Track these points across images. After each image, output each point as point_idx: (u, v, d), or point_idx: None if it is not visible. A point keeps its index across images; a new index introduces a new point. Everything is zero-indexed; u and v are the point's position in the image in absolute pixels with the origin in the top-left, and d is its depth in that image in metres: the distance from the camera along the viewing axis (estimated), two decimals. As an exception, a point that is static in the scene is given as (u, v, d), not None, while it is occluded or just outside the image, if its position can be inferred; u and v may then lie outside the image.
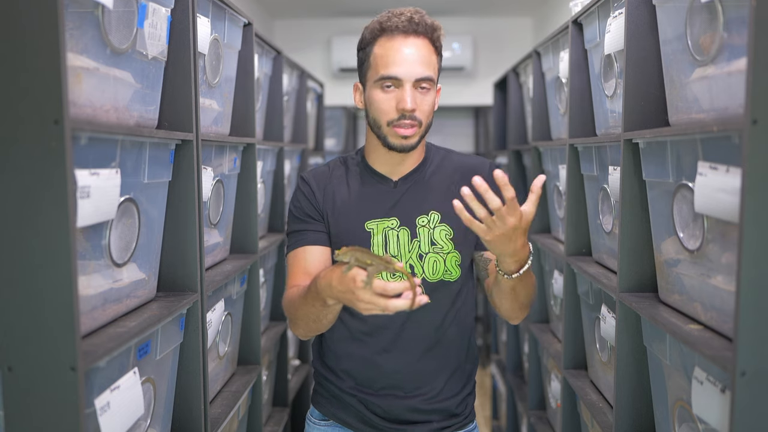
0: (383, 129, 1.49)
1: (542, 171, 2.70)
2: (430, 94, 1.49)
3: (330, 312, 1.42)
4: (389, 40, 1.47)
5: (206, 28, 1.72)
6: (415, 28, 1.47)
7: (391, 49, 1.46)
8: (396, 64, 1.45)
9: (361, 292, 1.24)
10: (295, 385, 2.83)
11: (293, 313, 1.49)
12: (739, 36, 1.11)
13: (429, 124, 1.52)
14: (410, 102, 1.45)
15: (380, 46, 1.48)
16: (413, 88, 1.46)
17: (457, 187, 1.57)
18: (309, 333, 1.53)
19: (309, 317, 1.44)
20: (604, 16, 1.81)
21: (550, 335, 2.56)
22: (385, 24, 1.48)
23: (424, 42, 1.48)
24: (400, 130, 1.47)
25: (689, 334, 1.24)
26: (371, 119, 1.52)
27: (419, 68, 1.45)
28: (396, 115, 1.47)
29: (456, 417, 1.62)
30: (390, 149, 1.51)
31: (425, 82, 1.47)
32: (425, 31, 1.48)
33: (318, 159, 3.69)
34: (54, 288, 1.02)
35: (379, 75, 1.47)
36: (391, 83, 1.46)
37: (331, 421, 1.65)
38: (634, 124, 1.55)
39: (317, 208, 1.58)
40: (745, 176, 1.01)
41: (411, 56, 1.46)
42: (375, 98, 1.49)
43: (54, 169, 1.00)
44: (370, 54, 1.51)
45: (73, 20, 1.11)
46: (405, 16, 1.47)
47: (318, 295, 1.36)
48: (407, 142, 1.49)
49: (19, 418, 1.05)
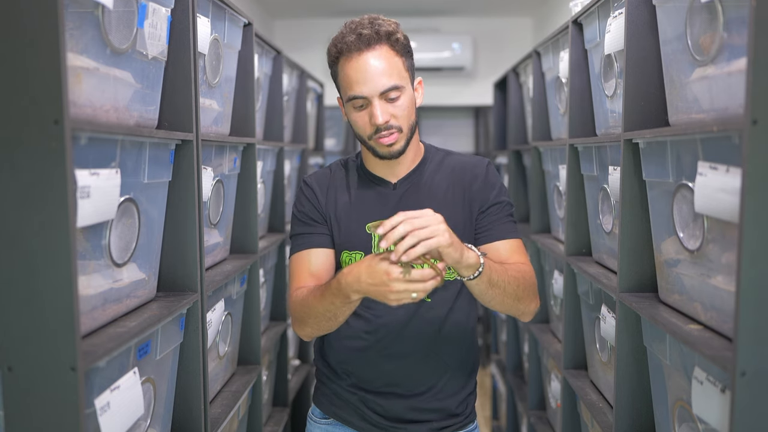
0: (367, 142, 1.52)
1: (542, 171, 2.70)
2: (403, 98, 1.49)
3: (349, 308, 1.41)
4: (347, 61, 1.48)
5: (206, 28, 1.72)
6: (367, 42, 1.46)
7: (351, 69, 1.47)
8: (358, 83, 1.46)
9: (396, 284, 1.25)
10: (295, 385, 2.83)
11: (305, 312, 1.48)
12: (739, 36, 1.11)
13: (412, 125, 1.52)
14: (380, 116, 1.46)
15: (341, 67, 1.50)
16: (382, 100, 1.47)
17: (454, 186, 1.58)
18: (317, 332, 1.52)
19: (324, 315, 1.43)
20: (604, 16, 1.81)
21: (550, 335, 2.56)
22: (339, 45, 1.49)
23: (382, 50, 1.47)
24: (382, 140, 1.49)
25: (689, 334, 1.24)
26: (355, 134, 1.55)
27: (382, 81, 1.46)
28: (372, 129, 1.48)
29: (456, 417, 1.62)
30: (381, 158, 1.53)
31: (392, 92, 1.47)
32: (379, 40, 1.47)
33: (318, 159, 3.69)
34: (54, 288, 1.02)
35: (347, 96, 1.49)
36: (360, 102, 1.48)
37: (331, 420, 1.65)
38: (634, 124, 1.55)
39: (320, 211, 1.59)
40: (745, 176, 1.01)
41: (371, 71, 1.46)
42: (351, 117, 1.52)
43: (54, 169, 1.00)
44: (337, 74, 1.53)
45: (73, 20, 1.11)
46: (356, 32, 1.47)
47: (340, 291, 1.35)
48: (393, 149, 1.50)
49: (19, 418, 1.05)
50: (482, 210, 1.56)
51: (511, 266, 1.47)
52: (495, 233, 1.55)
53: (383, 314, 1.55)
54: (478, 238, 1.56)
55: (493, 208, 1.56)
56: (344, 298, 1.36)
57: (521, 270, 1.48)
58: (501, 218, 1.56)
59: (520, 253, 1.56)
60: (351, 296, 1.34)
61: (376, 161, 1.57)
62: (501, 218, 1.56)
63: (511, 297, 1.43)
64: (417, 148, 1.61)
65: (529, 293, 1.48)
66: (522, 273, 1.47)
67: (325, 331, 1.51)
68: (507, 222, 1.57)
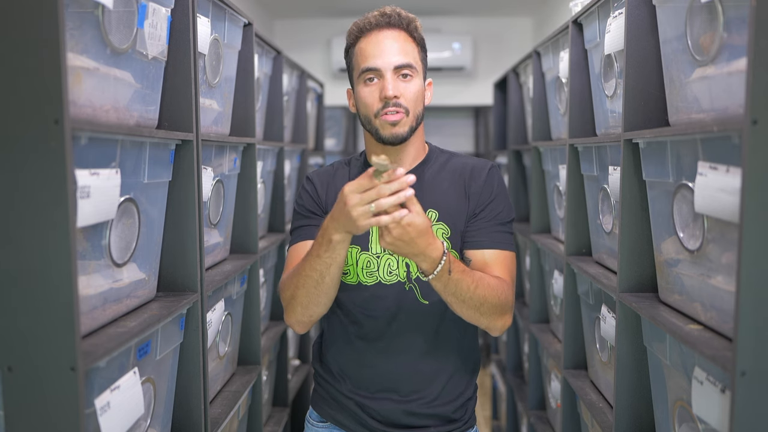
0: (372, 122, 1.50)
1: (542, 171, 2.70)
2: (414, 82, 1.50)
3: (333, 261, 1.38)
4: (366, 37, 1.52)
5: (206, 28, 1.72)
6: (388, 20, 1.51)
7: (368, 43, 1.51)
8: (374, 56, 1.49)
9: (350, 196, 1.27)
10: (295, 385, 2.83)
11: (293, 283, 1.45)
12: (739, 36, 1.11)
13: (418, 114, 1.52)
14: (391, 89, 1.46)
15: (359, 45, 1.53)
16: (394, 75, 1.48)
17: (456, 185, 1.57)
18: (305, 311, 1.47)
19: (311, 278, 1.41)
20: (604, 16, 1.82)
21: (550, 335, 2.56)
22: (360, 24, 1.53)
23: (400, 33, 1.52)
24: (387, 117, 1.48)
25: (689, 334, 1.24)
26: (362, 117, 1.54)
27: (397, 56, 1.49)
28: (380, 104, 1.48)
29: (454, 422, 1.60)
30: (384, 143, 1.51)
31: (406, 69, 1.49)
32: (399, 23, 1.52)
33: (318, 159, 3.69)
34: (54, 288, 1.02)
35: (361, 69, 1.50)
36: (372, 75, 1.49)
37: (329, 424, 1.65)
38: (634, 124, 1.55)
39: (319, 205, 1.59)
40: (745, 176, 1.01)
41: (387, 46, 1.49)
42: (361, 94, 1.52)
43: (54, 169, 1.00)
44: (352, 56, 1.55)
45: (73, 20, 1.11)
46: (378, 11, 1.52)
47: (323, 237, 1.36)
48: (396, 130, 1.49)
49: (19, 418, 1.05)
50: (476, 212, 1.53)
51: (485, 279, 1.42)
52: (483, 240, 1.51)
53: (380, 316, 1.54)
54: (465, 242, 1.53)
55: (486, 212, 1.53)
56: (327, 244, 1.35)
57: (493, 285, 1.43)
58: (492, 225, 1.52)
59: (503, 267, 1.50)
60: (332, 236, 1.34)
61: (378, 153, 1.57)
62: (492, 225, 1.52)
63: (473, 309, 1.41)
64: (421, 146, 1.60)
65: (496, 311, 1.43)
66: (493, 288, 1.42)
67: (313, 308, 1.46)
68: (498, 231, 1.52)
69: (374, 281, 1.54)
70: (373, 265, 1.54)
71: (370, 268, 1.54)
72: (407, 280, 1.53)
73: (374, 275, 1.54)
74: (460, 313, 1.43)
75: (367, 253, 1.54)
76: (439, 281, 1.36)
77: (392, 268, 1.53)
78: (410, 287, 1.53)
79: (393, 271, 1.53)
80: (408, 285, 1.53)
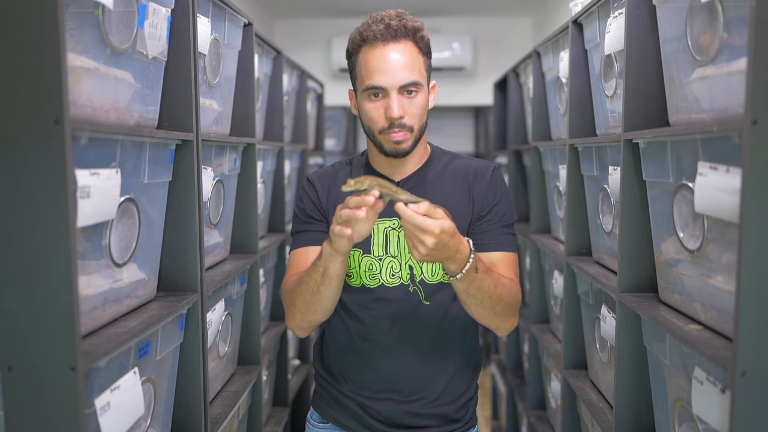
0: (376, 137, 1.50)
1: (542, 171, 2.70)
2: (419, 97, 1.48)
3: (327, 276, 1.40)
4: (371, 49, 1.47)
5: (206, 28, 1.72)
6: (394, 34, 1.46)
7: (373, 58, 1.46)
8: (379, 73, 1.45)
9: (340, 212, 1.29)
10: (295, 385, 2.83)
11: (294, 289, 1.48)
12: (739, 36, 1.11)
13: (422, 126, 1.52)
14: (396, 110, 1.45)
15: (363, 55, 1.48)
16: (399, 94, 1.46)
17: (459, 187, 1.57)
18: (305, 318, 1.49)
19: (307, 290, 1.43)
20: (604, 16, 1.81)
21: (550, 335, 2.56)
22: (364, 33, 1.48)
23: (407, 45, 1.47)
24: (392, 136, 1.47)
25: (689, 334, 1.24)
26: (366, 127, 1.53)
27: (403, 74, 1.45)
28: (385, 123, 1.47)
29: (456, 422, 1.60)
30: (386, 155, 1.52)
31: (411, 87, 1.46)
32: (406, 35, 1.47)
33: (318, 159, 3.69)
34: (54, 288, 1.02)
35: (365, 85, 1.47)
36: (377, 92, 1.46)
37: (330, 425, 1.65)
38: (634, 124, 1.55)
39: (320, 209, 1.59)
40: (745, 176, 1.01)
41: (394, 63, 1.45)
42: (364, 108, 1.50)
43: (54, 169, 1.00)
44: (356, 64, 1.51)
45: (73, 20, 1.11)
46: (384, 22, 1.46)
47: (321, 255, 1.39)
48: (400, 147, 1.49)
49: (19, 418, 1.05)
50: (481, 215, 1.54)
51: (501, 278, 1.44)
52: (489, 243, 1.52)
53: (381, 316, 1.54)
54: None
55: (492, 215, 1.54)
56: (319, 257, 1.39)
57: (507, 285, 1.45)
58: (497, 228, 1.53)
59: (509, 268, 1.53)
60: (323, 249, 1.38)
61: (381, 159, 1.57)
62: (497, 228, 1.53)
63: (489, 309, 1.42)
64: (424, 149, 1.60)
65: (508, 311, 1.46)
66: (508, 288, 1.44)
67: (311, 314, 1.48)
68: (503, 233, 1.54)
69: (377, 284, 1.54)
70: (376, 268, 1.54)
71: (373, 270, 1.54)
72: (411, 282, 1.53)
73: (377, 278, 1.54)
74: (474, 312, 1.44)
75: (369, 256, 1.54)
76: (464, 281, 1.35)
77: (395, 270, 1.53)
78: (414, 289, 1.54)
79: (396, 273, 1.53)
80: (412, 287, 1.53)
